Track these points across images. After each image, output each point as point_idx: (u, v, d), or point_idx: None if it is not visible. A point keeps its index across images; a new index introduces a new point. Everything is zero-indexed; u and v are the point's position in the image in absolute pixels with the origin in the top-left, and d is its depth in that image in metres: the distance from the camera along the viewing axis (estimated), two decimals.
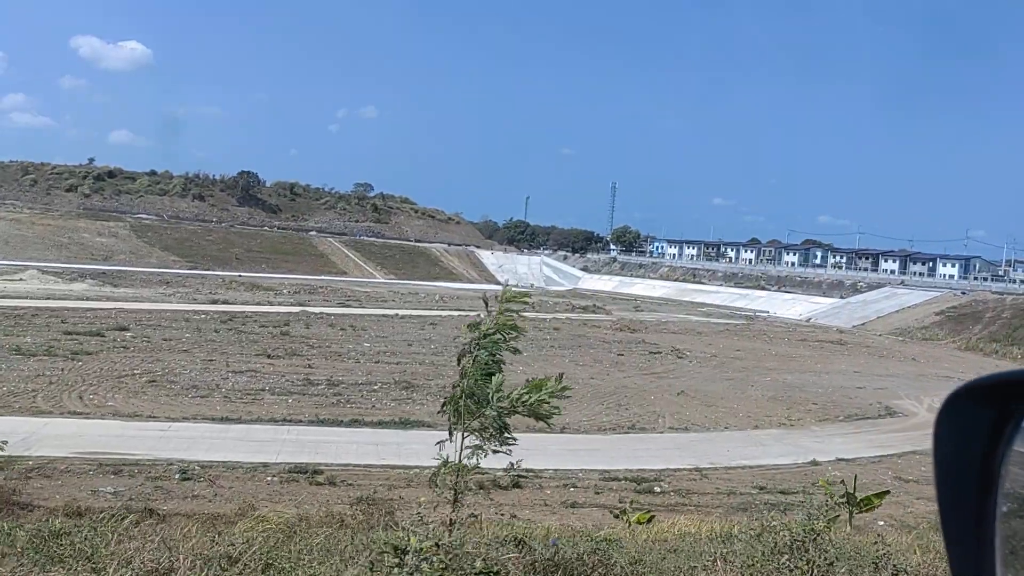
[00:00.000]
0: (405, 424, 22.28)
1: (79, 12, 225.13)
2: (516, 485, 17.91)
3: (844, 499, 11.36)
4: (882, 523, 16.80)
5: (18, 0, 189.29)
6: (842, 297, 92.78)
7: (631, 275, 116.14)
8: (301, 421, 21.88)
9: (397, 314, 51.14)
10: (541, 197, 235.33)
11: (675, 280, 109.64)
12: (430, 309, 57.40)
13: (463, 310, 59.62)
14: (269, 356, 31.85)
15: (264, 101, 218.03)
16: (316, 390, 26.18)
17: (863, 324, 73.25)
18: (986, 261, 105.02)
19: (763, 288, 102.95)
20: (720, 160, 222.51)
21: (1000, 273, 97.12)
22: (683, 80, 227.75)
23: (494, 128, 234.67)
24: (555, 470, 19.18)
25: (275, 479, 16.95)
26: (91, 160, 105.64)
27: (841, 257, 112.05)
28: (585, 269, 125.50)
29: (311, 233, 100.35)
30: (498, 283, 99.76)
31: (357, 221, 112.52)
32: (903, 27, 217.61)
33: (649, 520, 10.48)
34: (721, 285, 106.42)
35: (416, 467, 18.48)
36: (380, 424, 22.22)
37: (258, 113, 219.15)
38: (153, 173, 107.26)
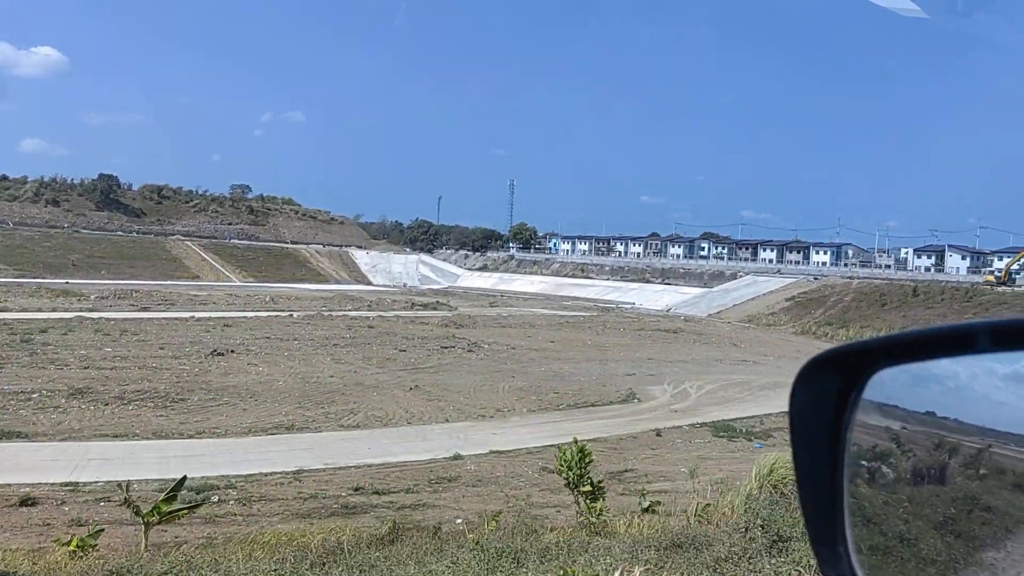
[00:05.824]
0: None
1: None
2: (28, 502, 15.32)
3: (134, 510, 9.24)
4: (459, 520, 14.85)
5: None
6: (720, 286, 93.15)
7: (525, 272, 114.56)
8: None
9: (194, 316, 47.83)
10: (471, 198, 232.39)
11: (564, 275, 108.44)
12: (248, 311, 54.22)
13: (287, 311, 56.71)
14: None
15: (186, 106, 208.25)
16: None
17: (719, 312, 73.19)
18: (859, 248, 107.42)
19: (648, 281, 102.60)
20: (648, 159, 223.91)
21: (868, 260, 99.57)
22: (608, 81, 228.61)
23: (425, 130, 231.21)
24: (108, 482, 16.61)
25: None
26: None
27: (723, 248, 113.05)
28: (484, 267, 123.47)
29: (172, 237, 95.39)
30: (370, 283, 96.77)
31: (230, 224, 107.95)
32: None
33: None
34: (608, 279, 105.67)
35: None
36: None
37: (179, 119, 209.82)
38: (4, 178, 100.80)
